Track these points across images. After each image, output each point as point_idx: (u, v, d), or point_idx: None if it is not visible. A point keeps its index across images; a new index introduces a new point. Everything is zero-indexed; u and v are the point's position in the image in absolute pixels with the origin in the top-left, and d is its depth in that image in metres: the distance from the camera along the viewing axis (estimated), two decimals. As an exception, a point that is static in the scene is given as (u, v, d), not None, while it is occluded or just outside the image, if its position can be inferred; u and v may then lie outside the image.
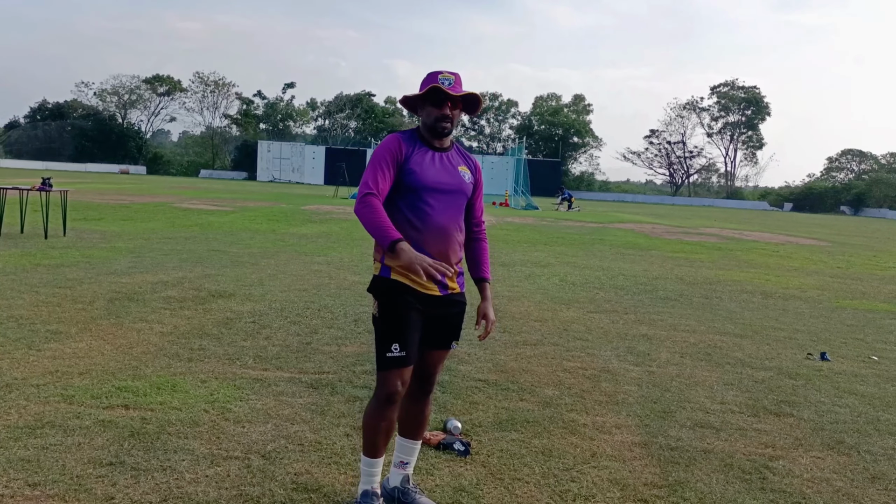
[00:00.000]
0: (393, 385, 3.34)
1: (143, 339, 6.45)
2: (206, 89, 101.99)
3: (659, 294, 11.16)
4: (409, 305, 3.36)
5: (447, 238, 3.43)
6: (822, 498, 4.03)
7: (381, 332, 3.38)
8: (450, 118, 3.43)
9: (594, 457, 4.41)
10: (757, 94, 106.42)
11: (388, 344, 3.35)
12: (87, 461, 3.85)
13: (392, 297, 3.36)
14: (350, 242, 16.12)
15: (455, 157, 3.56)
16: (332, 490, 3.68)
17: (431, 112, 3.42)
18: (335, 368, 5.88)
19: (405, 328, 3.35)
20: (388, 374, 3.35)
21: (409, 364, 3.38)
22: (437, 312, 3.46)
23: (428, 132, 3.48)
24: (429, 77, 3.45)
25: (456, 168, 3.51)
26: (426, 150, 3.47)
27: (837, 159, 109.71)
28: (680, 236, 25.24)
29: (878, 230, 43.61)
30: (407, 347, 3.35)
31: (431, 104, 3.42)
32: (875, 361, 7.41)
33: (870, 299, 12.19)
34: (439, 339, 3.55)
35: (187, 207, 24.87)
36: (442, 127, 3.43)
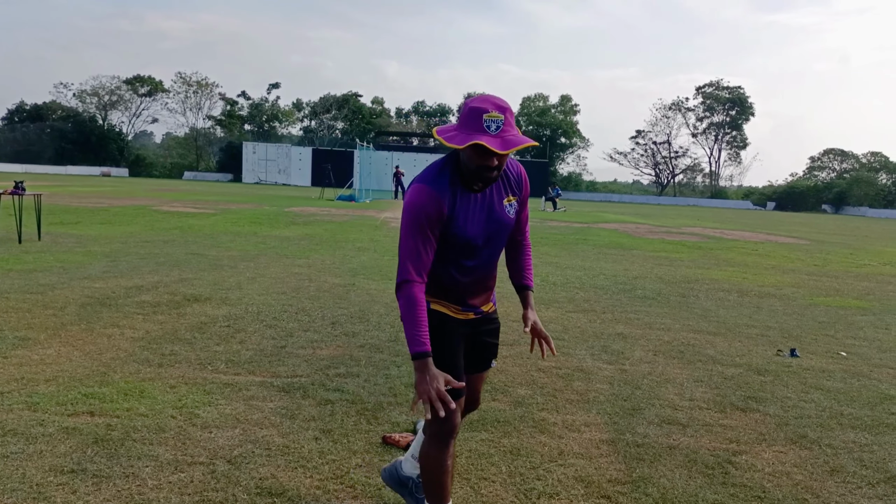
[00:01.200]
0: (454, 419, 3.11)
1: (113, 345, 6.43)
2: (189, 90, 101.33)
3: (637, 293, 11.22)
4: (452, 334, 3.17)
5: (488, 279, 3.27)
6: (782, 491, 4.08)
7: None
8: (498, 167, 2.88)
9: (561, 455, 4.45)
10: (741, 94, 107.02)
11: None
12: (49, 469, 3.84)
13: (435, 329, 3.06)
14: (333, 245, 16.10)
15: (499, 187, 3.10)
16: (296, 494, 3.69)
17: (473, 159, 2.85)
18: (308, 372, 5.89)
19: (455, 359, 3.16)
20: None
21: (462, 396, 3.19)
22: (473, 332, 3.30)
23: (469, 174, 2.93)
24: (471, 113, 2.80)
25: (500, 203, 3.10)
26: (467, 194, 3.00)
27: (819, 158, 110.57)
28: (663, 236, 25.33)
29: (857, 228, 43.92)
30: (459, 378, 3.14)
31: (475, 152, 2.82)
32: (843, 357, 7.50)
33: (843, 296, 12.30)
34: (479, 362, 3.41)
35: (168, 210, 24.71)
36: (488, 178, 2.92)
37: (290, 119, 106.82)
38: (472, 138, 2.74)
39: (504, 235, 3.18)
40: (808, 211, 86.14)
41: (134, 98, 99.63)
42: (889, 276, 16.20)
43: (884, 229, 44.83)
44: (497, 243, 3.17)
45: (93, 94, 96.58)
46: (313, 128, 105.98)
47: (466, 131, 2.78)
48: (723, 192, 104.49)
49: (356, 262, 13.15)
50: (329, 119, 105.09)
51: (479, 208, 3.03)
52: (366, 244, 16.62)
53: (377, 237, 18.56)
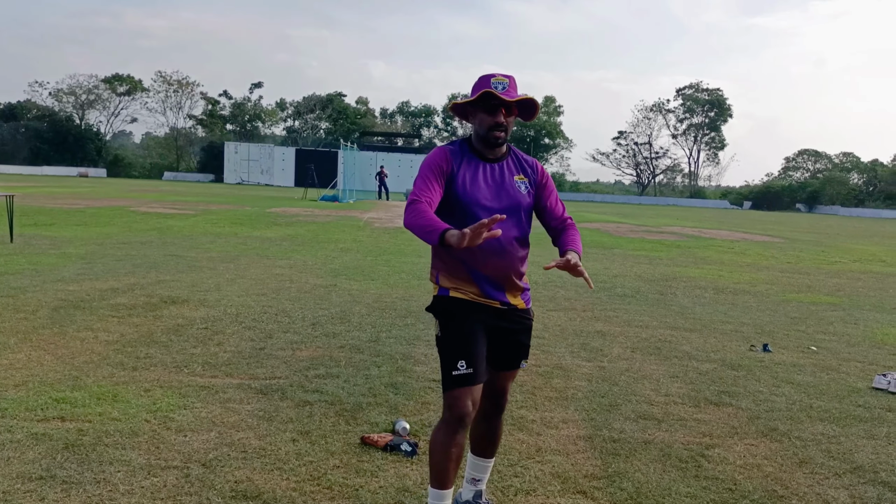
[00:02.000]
0: (463, 406, 3.14)
1: (86, 349, 6.38)
2: (170, 89, 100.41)
3: (617, 291, 11.29)
4: (472, 320, 3.20)
5: (505, 255, 3.22)
6: (752, 483, 4.15)
7: (446, 350, 3.21)
8: (504, 126, 3.20)
9: (539, 452, 4.49)
10: (720, 96, 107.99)
11: (453, 361, 3.16)
12: (16, 476, 3.79)
13: (453, 314, 3.21)
14: (315, 245, 16.08)
15: (510, 166, 3.34)
16: (272, 497, 3.68)
17: (484, 120, 3.20)
18: (287, 373, 5.88)
19: (470, 344, 3.17)
20: (457, 393, 3.15)
21: (478, 381, 3.18)
22: (500, 326, 3.29)
23: (480, 142, 3.28)
24: (480, 81, 3.22)
25: (511, 179, 3.30)
26: (477, 162, 3.27)
27: (794, 159, 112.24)
28: (643, 235, 25.47)
29: (830, 226, 44.30)
30: (474, 364, 3.16)
31: (484, 111, 3.20)
32: (814, 352, 7.63)
33: (815, 292, 12.45)
34: (508, 360, 3.39)
35: (146, 211, 24.49)
36: (495, 136, 3.21)
37: (273, 119, 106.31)
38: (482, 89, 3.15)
39: (518, 211, 3.26)
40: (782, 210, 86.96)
41: (112, 97, 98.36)
42: (859, 272, 16.40)
43: (855, 227, 45.23)
44: (511, 215, 3.22)
45: (70, 93, 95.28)
46: (297, 128, 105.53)
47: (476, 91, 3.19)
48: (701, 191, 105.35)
49: (338, 263, 13.14)
50: (313, 119, 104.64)
51: (488, 176, 3.26)
52: (349, 245, 16.61)
53: (360, 238, 18.55)
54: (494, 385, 3.42)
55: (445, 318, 3.25)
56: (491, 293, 3.24)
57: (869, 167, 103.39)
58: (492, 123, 3.18)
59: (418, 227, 2.98)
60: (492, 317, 3.26)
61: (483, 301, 3.23)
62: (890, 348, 7.99)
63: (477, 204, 3.18)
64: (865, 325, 9.34)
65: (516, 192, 3.27)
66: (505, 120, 3.19)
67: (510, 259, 3.25)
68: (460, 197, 3.19)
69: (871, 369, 6.90)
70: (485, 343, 3.23)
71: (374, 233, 20.54)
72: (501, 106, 3.17)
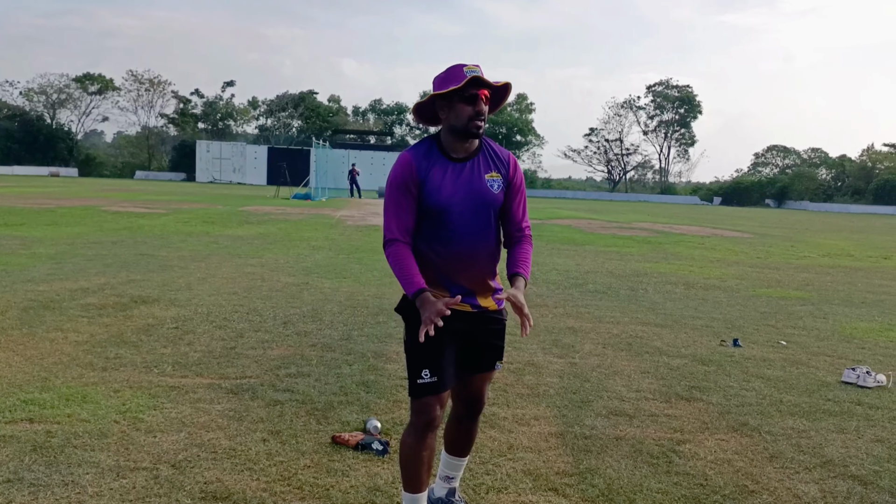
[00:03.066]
0: (431, 412, 3.11)
1: (56, 349, 6.31)
2: (141, 88, 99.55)
3: (589, 287, 11.35)
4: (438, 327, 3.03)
5: (475, 259, 3.14)
6: (723, 478, 4.17)
7: (411, 356, 3.15)
8: (484, 115, 3.04)
9: (511, 449, 4.49)
10: (690, 92, 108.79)
11: (418, 370, 3.11)
12: (-16, 479, 3.74)
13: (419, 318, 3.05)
14: (287, 243, 16.00)
15: (481, 163, 3.17)
16: (241, 497, 3.66)
17: (464, 111, 3.02)
18: (258, 373, 5.85)
19: (436, 351, 3.08)
20: (424, 401, 3.12)
21: (443, 389, 3.13)
22: (471, 329, 3.21)
23: (455, 137, 3.10)
24: (449, 73, 3.05)
25: (481, 178, 3.14)
26: (446, 163, 3.11)
27: (763, 155, 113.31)
28: (614, 231, 25.59)
29: (798, 221, 44.81)
30: (439, 372, 3.10)
31: (463, 101, 3.01)
32: (783, 346, 7.70)
33: (784, 287, 12.59)
34: (482, 363, 3.32)
35: (117, 210, 24.24)
36: (476, 126, 3.04)
37: (245, 117, 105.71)
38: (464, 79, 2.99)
39: (489, 211, 3.16)
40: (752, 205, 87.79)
41: (84, 96, 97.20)
42: (828, 267, 16.61)
43: (823, 222, 45.81)
44: (481, 217, 3.14)
45: (41, 92, 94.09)
46: (269, 126, 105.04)
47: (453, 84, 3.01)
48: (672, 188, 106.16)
49: (310, 261, 13.09)
50: (285, 117, 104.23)
51: (457, 176, 3.11)
52: (321, 243, 16.55)
53: (332, 236, 18.50)
54: (470, 388, 3.36)
55: (413, 321, 3.14)
56: (461, 294, 3.13)
57: (837, 162, 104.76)
58: (472, 113, 3.02)
59: (397, 275, 3.05)
60: (462, 321, 3.17)
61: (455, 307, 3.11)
62: (858, 342, 8.09)
63: (447, 208, 3.08)
64: (834, 320, 9.45)
65: (488, 192, 3.15)
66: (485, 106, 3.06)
67: (482, 262, 3.18)
68: (432, 204, 3.08)
69: (840, 363, 6.98)
70: (453, 349, 3.16)
71: (347, 231, 20.48)
72: (482, 93, 3.02)
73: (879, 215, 72.45)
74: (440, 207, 3.07)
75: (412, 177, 3.07)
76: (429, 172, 3.08)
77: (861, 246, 24.07)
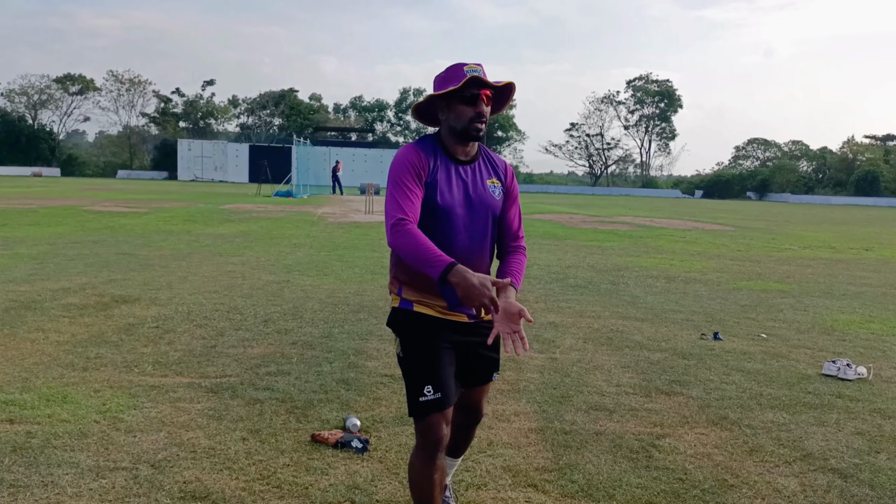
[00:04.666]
0: (438, 432, 2.96)
1: (36, 350, 6.28)
2: (122, 88, 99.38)
3: (570, 282, 11.38)
4: (436, 339, 2.99)
5: (473, 264, 2.92)
6: (703, 473, 4.19)
7: (410, 373, 3.00)
8: (485, 117, 2.94)
9: (490, 445, 4.50)
10: (670, 87, 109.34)
11: (419, 387, 2.95)
12: (-37, 480, 3.72)
13: (416, 333, 2.99)
14: (268, 241, 15.95)
15: (483, 168, 3.10)
16: (220, 497, 3.66)
17: (464, 112, 2.92)
18: (238, 371, 5.84)
19: (436, 366, 2.96)
20: (429, 420, 2.96)
21: (447, 405, 2.98)
22: (468, 341, 3.09)
23: (455, 139, 3.00)
24: (450, 72, 2.96)
25: (483, 183, 3.06)
26: (450, 164, 3.01)
27: (744, 148, 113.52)
28: (595, 225, 25.68)
29: (779, 214, 45.12)
30: (442, 388, 2.95)
31: (463, 102, 2.91)
32: (764, 339, 7.73)
33: (765, 280, 12.66)
34: (479, 375, 3.23)
35: (99, 210, 24.12)
36: (477, 129, 2.94)
37: (226, 116, 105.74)
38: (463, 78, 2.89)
39: (488, 216, 3.06)
40: (733, 198, 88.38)
41: (65, 97, 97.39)
42: (808, 259, 16.73)
43: (804, 214, 46.14)
44: (481, 222, 3.04)
45: (21, 93, 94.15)
46: (250, 124, 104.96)
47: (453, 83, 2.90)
48: (653, 181, 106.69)
49: (291, 259, 13.05)
50: (266, 115, 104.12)
51: (460, 180, 3.01)
52: (302, 240, 16.51)
53: (314, 233, 18.46)
54: (468, 400, 3.29)
55: (408, 336, 3.03)
56: (458, 304, 3.00)
57: (818, 154, 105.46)
58: (473, 115, 2.92)
59: (414, 254, 2.76)
60: (459, 333, 3.07)
61: (450, 317, 3.05)
62: (839, 334, 8.14)
63: (452, 211, 2.96)
64: (815, 312, 9.51)
65: (490, 197, 3.06)
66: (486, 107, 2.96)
67: (479, 269, 2.97)
68: (437, 204, 2.95)
69: (820, 356, 7.01)
70: (453, 362, 3.04)
71: (328, 228, 20.44)
72: (483, 94, 2.92)
73: (860, 207, 73.09)
74: (443, 208, 2.95)
75: (422, 165, 2.94)
76: (435, 172, 2.97)
77: (842, 238, 24.26)
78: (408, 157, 2.94)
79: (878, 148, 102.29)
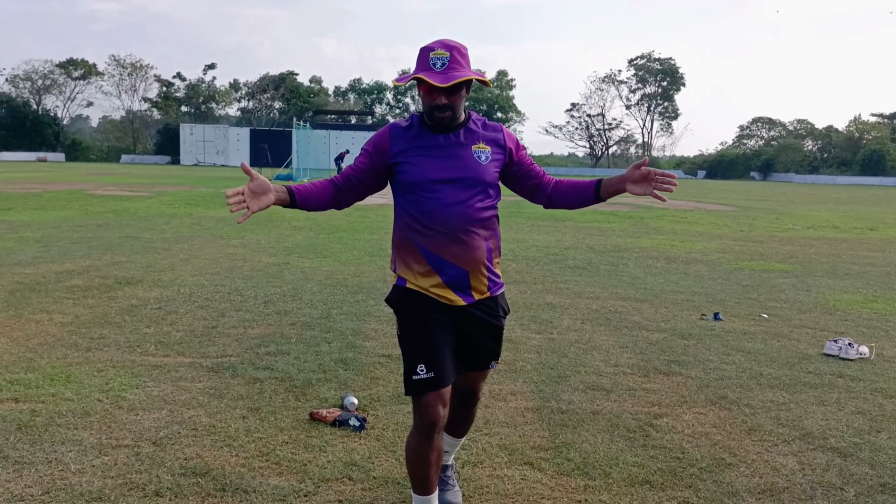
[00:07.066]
0: (433, 412, 2.95)
1: (41, 331, 6.34)
2: (124, 72, 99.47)
3: (568, 263, 11.40)
4: (430, 318, 2.99)
5: (458, 236, 2.96)
6: (701, 451, 4.20)
7: (405, 351, 3.01)
8: (447, 106, 2.91)
9: (487, 424, 4.53)
10: (672, 65, 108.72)
11: (413, 365, 2.96)
12: (-31, 457, 3.78)
13: (411, 311, 3.01)
14: (269, 224, 15.99)
15: (466, 135, 3.04)
16: (220, 473, 3.71)
17: (424, 100, 2.93)
18: (238, 351, 5.89)
19: (430, 345, 2.95)
20: (425, 400, 2.96)
21: (443, 385, 2.97)
22: (467, 331, 3.09)
23: (427, 117, 3.01)
24: (420, 54, 2.93)
25: (467, 149, 3.01)
26: (429, 135, 3.01)
27: (748, 127, 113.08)
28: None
29: (783, 194, 45.01)
30: (436, 367, 2.94)
31: (423, 90, 2.91)
32: (764, 319, 7.73)
33: (767, 260, 12.66)
34: (476, 361, 3.21)
35: (103, 194, 24.28)
36: (439, 118, 2.95)
37: (227, 100, 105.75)
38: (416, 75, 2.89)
39: (475, 182, 2.99)
40: (736, 178, 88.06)
41: (68, 82, 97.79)
42: (812, 239, 16.73)
43: (809, 194, 46.05)
44: (468, 191, 2.99)
45: (26, 78, 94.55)
46: (251, 108, 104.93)
47: (415, 71, 2.92)
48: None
49: (291, 241, 13.11)
50: (267, 99, 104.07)
51: (441, 148, 3.00)
52: (302, 223, 16.54)
53: (313, 216, 18.47)
54: (464, 383, 3.29)
55: (403, 313, 3.06)
56: (452, 288, 3.02)
57: (824, 133, 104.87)
58: (431, 104, 2.92)
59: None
60: (454, 316, 3.05)
61: (444, 298, 3.02)
62: (841, 314, 8.13)
63: (428, 179, 2.96)
64: (817, 292, 9.51)
65: (473, 163, 2.99)
66: (447, 100, 2.89)
67: (469, 240, 2.99)
68: (411, 176, 2.98)
69: (822, 335, 7.00)
70: (449, 343, 3.03)
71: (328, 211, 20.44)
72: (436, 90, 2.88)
73: (866, 186, 72.85)
74: (418, 179, 2.97)
75: (384, 144, 3.05)
76: (410, 141, 3.02)
77: (846, 217, 24.23)
78: (375, 136, 3.12)
79: (885, 126, 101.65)
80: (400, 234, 3.09)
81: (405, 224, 3.04)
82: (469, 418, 3.54)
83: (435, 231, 2.97)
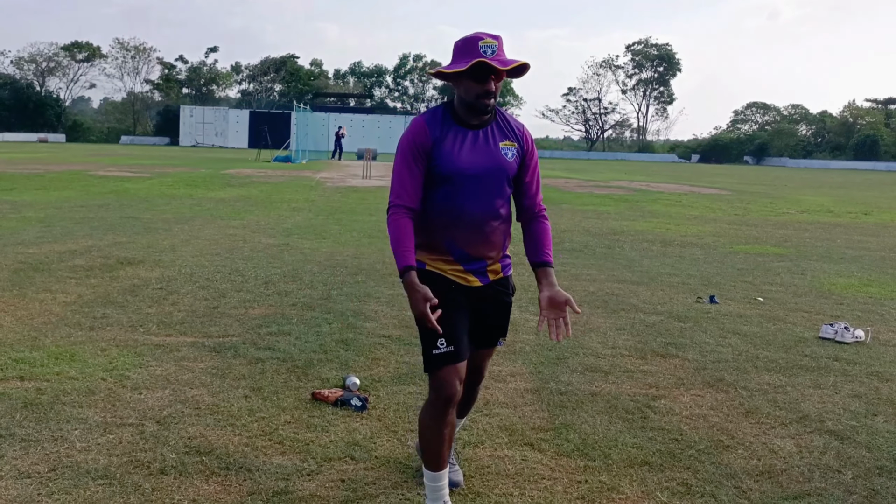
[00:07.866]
0: (451, 386, 3.03)
1: (45, 310, 6.39)
2: (127, 55, 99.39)
3: (565, 246, 11.43)
4: (449, 296, 3.04)
5: (482, 230, 3.08)
6: (698, 433, 4.22)
7: (425, 328, 3.00)
8: (493, 93, 2.99)
9: (487, 405, 4.55)
10: (669, 50, 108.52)
11: (433, 340, 3.01)
12: (-25, 435, 3.82)
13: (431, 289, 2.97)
14: (268, 205, 16.02)
15: (496, 131, 3.13)
16: (224, 452, 3.75)
17: (472, 88, 2.96)
18: (240, 331, 5.94)
19: (449, 321, 2.99)
20: (443, 374, 3.03)
21: (460, 359, 3.05)
22: (480, 308, 3.18)
23: (466, 109, 3.05)
24: (466, 44, 2.97)
25: (496, 146, 3.10)
26: (459, 129, 3.07)
27: (743, 112, 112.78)
28: (591, 189, 25.72)
29: (777, 178, 44.99)
30: (455, 342, 3.03)
31: (472, 79, 2.95)
32: (760, 302, 7.78)
33: (762, 243, 12.71)
34: (485, 338, 3.30)
35: (103, 175, 24.30)
36: (484, 104, 3.00)
37: (227, 82, 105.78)
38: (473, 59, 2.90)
39: (502, 179, 3.10)
40: (730, 163, 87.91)
41: (72, 64, 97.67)
42: (806, 223, 16.78)
43: (803, 178, 46.06)
44: (494, 185, 3.08)
45: (30, 60, 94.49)
46: (251, 91, 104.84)
47: (465, 59, 2.93)
48: (650, 146, 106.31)
49: (291, 223, 13.15)
50: (267, 82, 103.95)
51: (472, 143, 3.07)
52: (301, 204, 16.58)
53: (312, 197, 18.54)
54: (472, 362, 3.29)
55: None
56: (470, 270, 3.13)
57: (818, 118, 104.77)
58: (480, 91, 2.96)
59: (393, 244, 2.99)
60: (471, 297, 3.14)
61: (462, 279, 3.12)
62: (837, 298, 8.18)
63: (461, 173, 3.02)
64: (812, 275, 9.56)
65: (501, 158, 3.09)
66: (494, 86, 2.98)
67: (488, 233, 3.11)
68: (445, 170, 3.02)
69: (817, 319, 7.04)
70: (465, 322, 3.11)
71: (327, 192, 20.50)
72: (492, 73, 2.94)
73: (860, 171, 72.85)
74: (453, 172, 3.02)
75: (425, 142, 3.03)
76: (443, 138, 3.04)
77: (841, 202, 24.26)
78: (413, 134, 3.05)
79: (878, 111, 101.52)
80: (422, 223, 3.12)
81: (430, 209, 3.09)
82: (473, 398, 3.60)
83: (460, 223, 3.06)
